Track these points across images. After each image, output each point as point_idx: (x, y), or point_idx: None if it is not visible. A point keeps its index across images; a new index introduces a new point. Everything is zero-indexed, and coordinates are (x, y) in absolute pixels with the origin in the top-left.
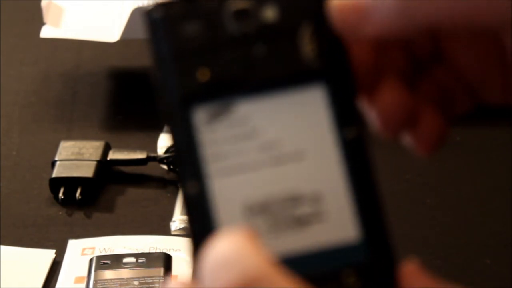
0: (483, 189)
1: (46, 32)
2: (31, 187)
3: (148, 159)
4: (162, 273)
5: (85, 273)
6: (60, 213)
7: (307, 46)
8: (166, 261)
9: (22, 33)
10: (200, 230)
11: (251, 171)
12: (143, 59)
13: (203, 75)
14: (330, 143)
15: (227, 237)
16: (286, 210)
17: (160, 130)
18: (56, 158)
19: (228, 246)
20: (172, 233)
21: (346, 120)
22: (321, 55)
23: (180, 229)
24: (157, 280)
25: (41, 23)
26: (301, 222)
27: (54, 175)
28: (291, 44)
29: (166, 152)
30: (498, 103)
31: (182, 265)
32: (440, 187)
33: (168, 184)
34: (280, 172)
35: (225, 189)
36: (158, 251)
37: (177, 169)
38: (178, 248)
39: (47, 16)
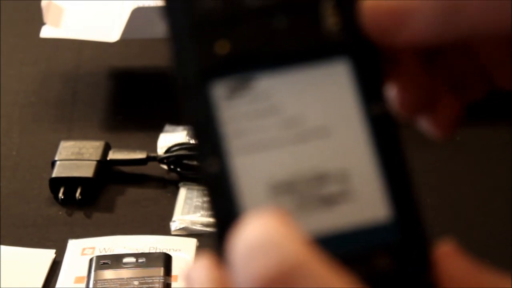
0: (483, 189)
1: (46, 32)
2: (31, 187)
3: (148, 159)
4: (162, 273)
5: (85, 273)
6: (60, 213)
7: (330, 19)
8: (166, 261)
9: (22, 33)
10: (224, 212)
11: (274, 148)
12: (143, 59)
13: (222, 48)
14: (356, 120)
15: (258, 219)
16: (312, 189)
17: (160, 130)
18: (56, 158)
19: (261, 229)
20: (172, 233)
21: (374, 95)
22: (345, 28)
23: (180, 229)
24: (157, 280)
25: (41, 23)
26: (329, 201)
27: (54, 175)
28: (314, 16)
29: (166, 152)
30: None
31: (182, 265)
32: (441, 187)
33: (168, 184)
34: (304, 150)
35: (248, 167)
36: (158, 251)
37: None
38: (178, 248)
39: (47, 16)
